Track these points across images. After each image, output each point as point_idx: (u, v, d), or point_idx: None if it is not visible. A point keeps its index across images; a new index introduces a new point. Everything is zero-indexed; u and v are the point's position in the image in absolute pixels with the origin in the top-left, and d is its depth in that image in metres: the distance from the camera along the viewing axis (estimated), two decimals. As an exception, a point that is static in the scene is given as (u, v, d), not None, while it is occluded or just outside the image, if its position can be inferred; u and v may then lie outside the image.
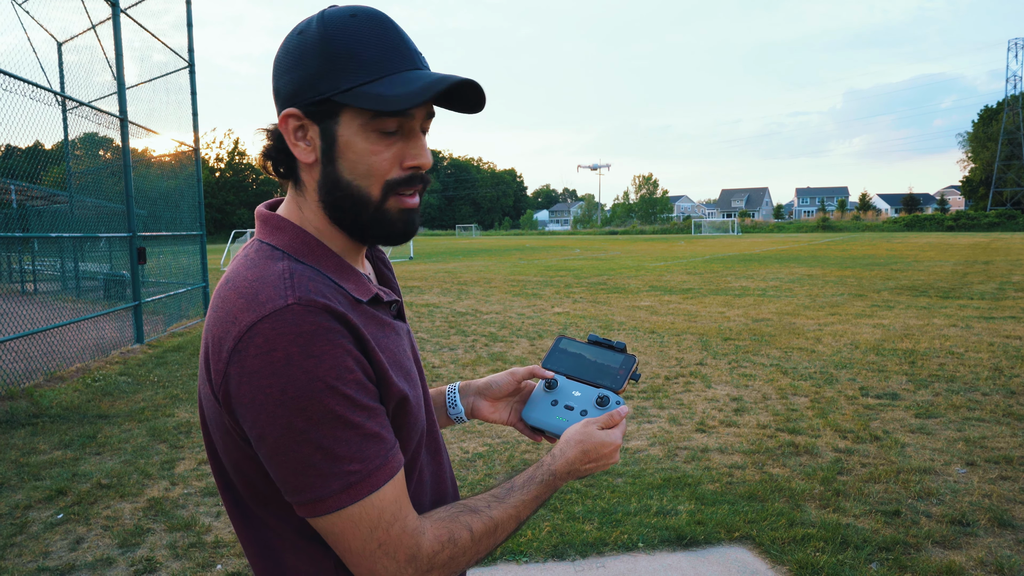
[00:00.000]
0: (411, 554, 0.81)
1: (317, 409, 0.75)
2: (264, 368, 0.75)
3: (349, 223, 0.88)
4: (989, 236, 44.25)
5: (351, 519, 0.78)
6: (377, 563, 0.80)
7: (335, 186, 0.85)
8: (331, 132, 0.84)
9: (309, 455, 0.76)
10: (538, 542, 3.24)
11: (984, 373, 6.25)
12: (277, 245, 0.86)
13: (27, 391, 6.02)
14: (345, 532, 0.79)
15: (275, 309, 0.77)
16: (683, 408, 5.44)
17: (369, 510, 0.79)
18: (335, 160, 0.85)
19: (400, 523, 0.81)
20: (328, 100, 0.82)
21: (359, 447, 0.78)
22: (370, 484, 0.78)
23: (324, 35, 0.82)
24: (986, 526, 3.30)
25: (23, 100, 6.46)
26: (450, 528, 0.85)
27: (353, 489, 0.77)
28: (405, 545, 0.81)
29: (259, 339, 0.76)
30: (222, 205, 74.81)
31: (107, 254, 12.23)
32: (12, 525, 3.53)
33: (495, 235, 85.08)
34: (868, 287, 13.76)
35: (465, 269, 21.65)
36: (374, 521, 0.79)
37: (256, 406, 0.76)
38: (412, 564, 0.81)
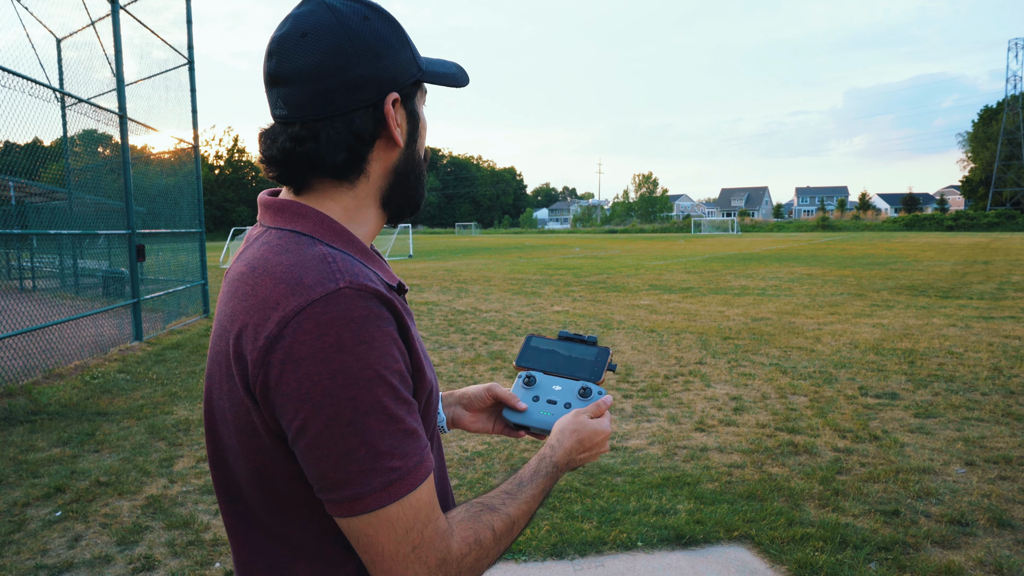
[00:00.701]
0: (441, 558, 0.78)
1: (367, 399, 0.72)
2: (315, 354, 0.71)
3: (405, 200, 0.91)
4: (989, 236, 44.27)
5: (388, 520, 0.75)
6: (408, 568, 0.76)
7: (414, 164, 0.90)
8: (416, 112, 0.89)
9: (354, 448, 0.72)
10: (537, 541, 3.24)
11: (983, 373, 6.25)
12: (303, 231, 0.82)
13: (26, 388, 6.01)
14: (380, 534, 0.75)
15: (325, 293, 0.73)
16: (682, 407, 5.43)
17: (407, 510, 0.75)
18: (417, 139, 0.89)
19: (433, 525, 0.78)
20: (417, 81, 0.88)
21: (400, 443, 0.75)
22: (409, 482, 0.75)
23: (395, 22, 0.86)
24: (985, 526, 3.30)
25: (22, 96, 6.45)
26: (475, 529, 0.82)
27: (394, 487, 0.74)
28: (436, 548, 0.77)
29: (309, 324, 0.72)
30: (221, 202, 74.72)
31: (106, 251, 12.22)
32: (10, 522, 3.52)
33: (495, 233, 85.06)
34: (867, 287, 13.76)
35: (464, 267, 21.64)
36: (410, 522, 0.76)
37: (302, 394, 0.72)
38: (442, 569, 0.78)
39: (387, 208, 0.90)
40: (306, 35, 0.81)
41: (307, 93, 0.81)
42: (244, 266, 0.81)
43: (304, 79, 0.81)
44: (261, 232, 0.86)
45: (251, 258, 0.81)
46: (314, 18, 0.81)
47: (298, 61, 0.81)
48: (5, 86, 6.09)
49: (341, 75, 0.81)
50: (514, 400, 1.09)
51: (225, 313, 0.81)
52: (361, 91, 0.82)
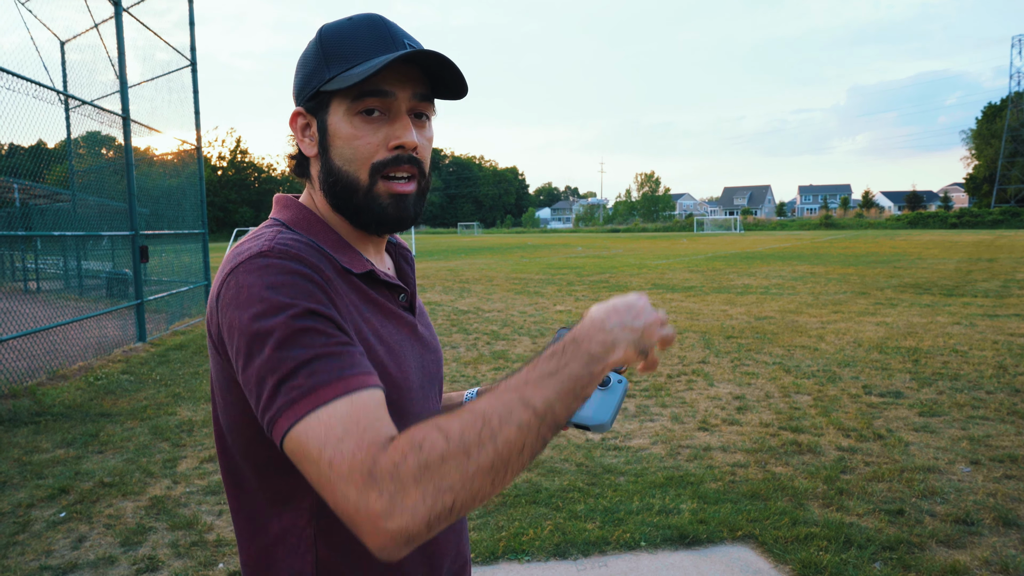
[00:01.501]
0: (367, 470, 0.66)
1: (269, 328, 0.74)
2: (233, 302, 0.78)
3: (345, 209, 0.92)
4: (993, 233, 44.12)
5: (300, 439, 0.70)
6: (337, 492, 0.67)
7: (329, 174, 0.91)
8: (324, 123, 0.90)
9: (263, 374, 0.73)
10: (540, 541, 3.24)
11: (988, 371, 6.23)
12: (279, 219, 0.93)
13: (30, 389, 6.03)
14: (300, 457, 0.70)
15: (250, 255, 0.81)
16: (685, 406, 5.43)
17: (315, 426, 0.69)
18: (328, 149, 0.91)
19: (354, 439, 0.68)
20: (318, 92, 0.89)
21: (308, 364, 0.73)
22: (315, 399, 0.71)
23: (320, 38, 0.91)
24: (991, 525, 3.29)
25: (26, 99, 6.47)
26: (412, 433, 0.68)
27: (298, 405, 0.71)
28: (359, 461, 0.67)
29: (232, 281, 0.80)
30: (224, 203, 74.87)
31: (109, 252, 12.25)
32: (15, 523, 3.53)
33: (497, 233, 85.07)
34: (871, 285, 13.73)
35: (467, 267, 21.64)
36: (321, 438, 0.69)
37: (230, 339, 0.78)
38: (373, 485, 0.65)
39: (342, 213, 0.93)
40: None
41: None
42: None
43: None
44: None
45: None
46: None
47: None
48: (10, 89, 6.11)
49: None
50: None
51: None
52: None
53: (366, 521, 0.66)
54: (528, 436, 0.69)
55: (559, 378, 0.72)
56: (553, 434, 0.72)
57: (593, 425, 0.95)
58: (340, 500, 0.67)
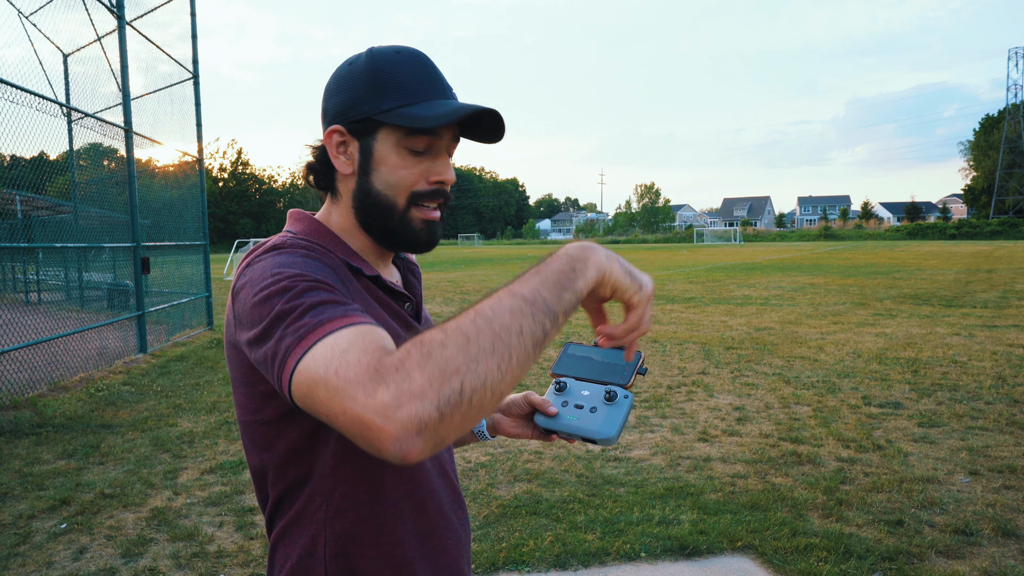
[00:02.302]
0: (372, 369, 0.66)
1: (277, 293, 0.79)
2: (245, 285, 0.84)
3: (377, 228, 0.98)
4: (992, 244, 44.19)
5: (307, 367, 0.69)
6: (345, 399, 0.66)
7: (367, 195, 0.97)
8: (369, 147, 0.95)
9: (274, 331, 0.76)
10: (540, 552, 3.24)
11: (987, 382, 6.24)
12: (292, 230, 0.98)
13: (31, 401, 6.04)
14: (309, 386, 0.69)
15: (265, 249, 0.89)
16: (685, 417, 5.43)
17: (322, 350, 0.70)
18: (370, 172, 0.96)
19: (359, 349, 0.69)
20: (369, 119, 0.94)
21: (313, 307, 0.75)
22: (322, 330, 0.72)
23: (371, 65, 0.95)
24: (990, 536, 3.29)
25: (29, 111, 6.52)
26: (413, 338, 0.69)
27: (305, 339, 0.71)
28: (364, 364, 0.67)
29: (246, 271, 0.86)
30: (225, 215, 75.05)
31: (111, 264, 12.27)
32: (16, 535, 3.54)
33: (497, 244, 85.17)
34: (871, 296, 13.75)
35: (468, 278, 21.67)
36: (327, 357, 0.69)
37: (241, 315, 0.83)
38: (379, 380, 0.65)
39: (368, 231, 1.00)
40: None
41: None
42: None
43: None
44: None
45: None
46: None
47: None
48: (13, 101, 6.16)
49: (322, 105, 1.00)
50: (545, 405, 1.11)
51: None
52: (324, 120, 0.99)
53: (376, 415, 0.64)
54: (522, 319, 0.70)
55: (543, 274, 0.76)
56: (552, 323, 0.73)
57: (600, 439, 1.00)
58: (349, 406, 0.65)
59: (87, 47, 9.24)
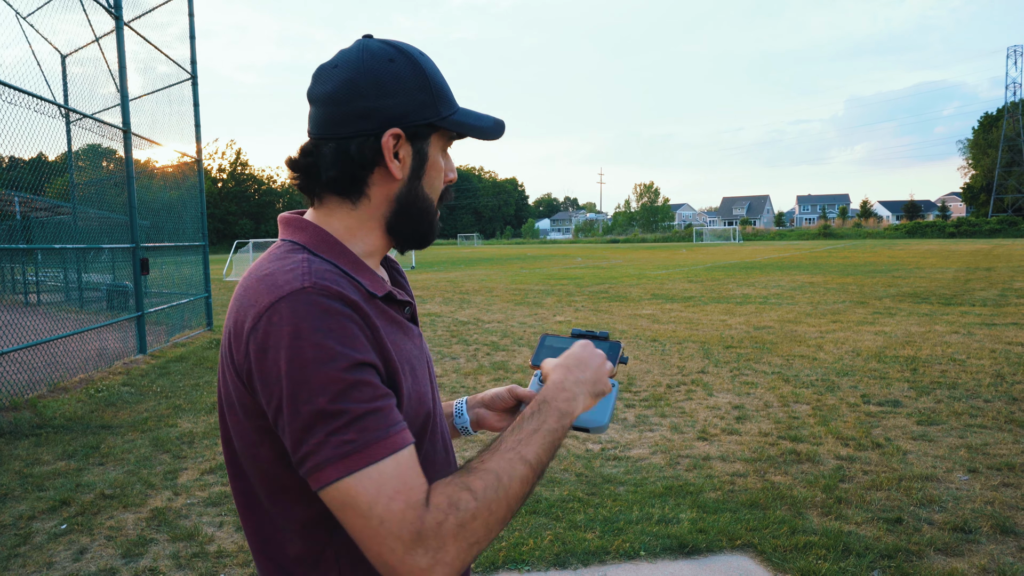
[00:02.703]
0: (415, 530, 0.76)
1: (320, 379, 0.78)
2: (278, 343, 0.80)
3: (409, 230, 0.98)
4: (991, 242, 44.22)
5: (348, 493, 0.76)
6: (383, 545, 0.76)
7: (416, 199, 0.97)
8: (424, 152, 0.96)
9: (311, 423, 0.77)
10: (540, 551, 3.25)
11: (986, 380, 6.25)
12: (298, 241, 0.94)
13: (31, 402, 6.04)
14: (346, 507, 0.77)
15: (292, 291, 0.82)
16: (685, 416, 5.44)
17: (366, 483, 0.76)
18: (421, 176, 0.96)
19: (403, 498, 0.77)
20: (430, 124, 0.94)
21: (359, 420, 0.78)
22: (367, 456, 0.77)
23: (417, 67, 0.94)
24: (988, 533, 3.30)
25: (27, 112, 6.51)
26: (447, 493, 0.79)
27: (350, 459, 0.77)
28: (408, 521, 0.76)
29: (275, 316, 0.81)
30: (224, 215, 74.99)
31: (110, 265, 12.27)
32: (16, 536, 3.54)
33: (497, 244, 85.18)
34: (870, 294, 13.76)
35: (467, 278, 21.67)
36: (372, 496, 0.76)
37: (269, 379, 0.80)
38: (420, 543, 0.76)
39: (391, 234, 0.99)
40: (336, 66, 0.94)
41: (324, 114, 0.93)
42: (247, 272, 0.93)
43: (324, 102, 0.93)
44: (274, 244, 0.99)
45: (253, 266, 0.93)
46: (348, 54, 0.94)
47: (323, 86, 0.93)
48: (11, 102, 6.16)
49: (350, 104, 0.91)
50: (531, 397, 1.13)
51: (228, 314, 0.91)
52: (364, 121, 0.91)
53: (408, 573, 0.76)
54: (526, 486, 0.85)
55: (541, 433, 0.89)
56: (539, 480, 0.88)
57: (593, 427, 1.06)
58: (385, 552, 0.76)
59: (85, 48, 9.24)
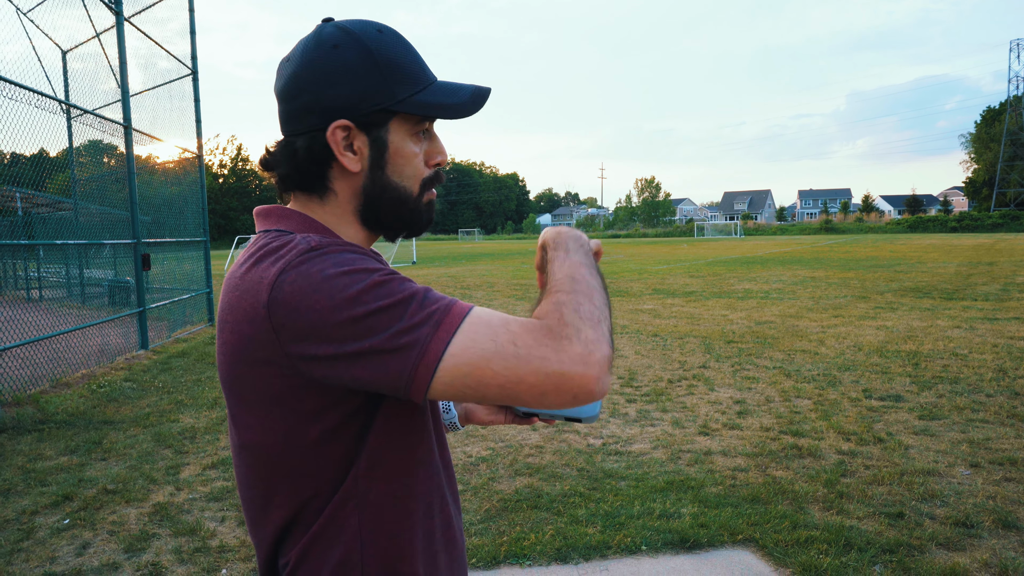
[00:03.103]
0: (547, 329, 0.73)
1: (370, 288, 0.75)
2: (307, 292, 0.75)
3: (386, 220, 0.93)
4: (993, 237, 44.14)
5: (466, 348, 0.72)
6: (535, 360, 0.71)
7: (384, 190, 0.91)
8: (382, 140, 0.89)
9: (386, 325, 0.73)
10: (541, 545, 3.25)
11: (988, 375, 6.24)
12: (288, 228, 0.89)
13: (33, 397, 6.05)
14: (475, 364, 0.72)
15: (299, 252, 0.79)
16: (686, 411, 5.44)
17: (476, 328, 0.73)
18: (385, 165, 0.90)
19: (512, 321, 0.74)
20: (384, 110, 0.88)
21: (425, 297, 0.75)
22: (458, 311, 0.74)
23: (367, 49, 0.87)
24: (990, 528, 3.30)
25: (28, 108, 6.51)
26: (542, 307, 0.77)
27: (446, 321, 0.73)
28: (535, 328, 0.73)
29: (291, 275, 0.77)
30: (225, 211, 75.00)
31: (112, 260, 12.28)
32: (19, 530, 3.55)
33: (498, 239, 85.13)
34: (871, 289, 13.75)
35: (468, 273, 21.67)
36: (489, 334, 0.72)
37: (317, 326, 0.74)
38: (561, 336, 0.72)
39: (369, 226, 0.94)
40: (288, 59, 0.90)
41: (280, 111, 0.91)
42: (236, 264, 0.88)
43: (279, 98, 0.91)
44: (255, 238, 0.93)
45: (243, 255, 0.88)
46: (299, 45, 0.90)
47: (278, 81, 0.91)
48: (12, 99, 6.15)
49: (296, 100, 0.88)
50: None
51: (224, 307, 0.85)
52: (311, 115, 0.87)
53: (577, 365, 0.71)
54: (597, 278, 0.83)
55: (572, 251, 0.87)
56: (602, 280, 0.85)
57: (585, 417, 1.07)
58: (542, 366, 0.71)
59: (86, 44, 9.22)
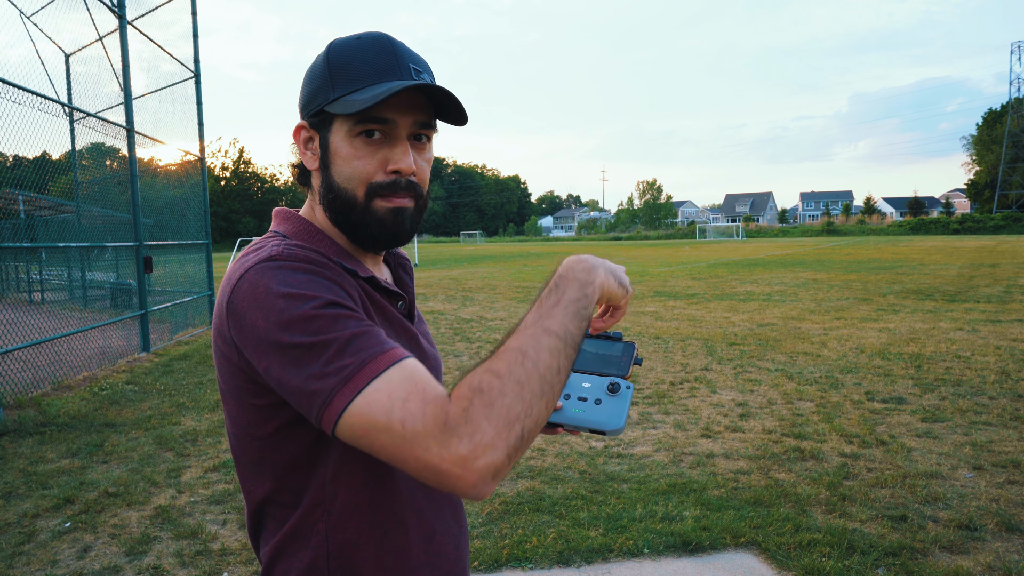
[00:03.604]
0: (442, 422, 0.71)
1: (300, 322, 0.76)
2: (250, 304, 0.80)
3: (344, 224, 0.95)
4: (995, 239, 44.06)
5: (362, 413, 0.72)
6: (416, 448, 0.71)
7: (329, 189, 0.94)
8: (326, 140, 0.93)
9: (306, 364, 0.75)
10: (543, 548, 3.25)
11: (991, 377, 6.22)
12: (281, 231, 0.96)
13: (35, 400, 6.05)
14: (368, 431, 0.72)
15: (259, 260, 0.84)
16: (688, 414, 5.43)
17: (376, 396, 0.72)
18: (329, 166, 0.93)
19: (418, 397, 0.73)
20: (322, 111, 0.92)
21: (348, 343, 0.75)
22: (369, 371, 0.74)
23: (328, 55, 0.93)
24: (993, 531, 3.29)
25: (31, 111, 6.52)
26: (468, 382, 0.75)
27: (352, 381, 0.73)
28: (431, 415, 0.71)
29: (244, 284, 0.82)
30: (227, 213, 75.10)
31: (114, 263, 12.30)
32: (20, 534, 3.55)
33: (499, 242, 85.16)
34: (873, 291, 13.73)
35: (470, 276, 21.67)
36: (386, 405, 0.72)
37: (254, 340, 0.79)
38: (451, 433, 0.70)
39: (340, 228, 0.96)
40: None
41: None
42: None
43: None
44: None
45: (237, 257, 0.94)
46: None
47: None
48: (15, 102, 6.17)
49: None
50: None
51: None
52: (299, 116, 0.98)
53: (454, 466, 0.70)
54: (559, 358, 0.77)
55: (563, 304, 0.81)
56: (575, 351, 0.80)
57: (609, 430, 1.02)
58: (422, 455, 0.71)
59: (89, 47, 9.24)
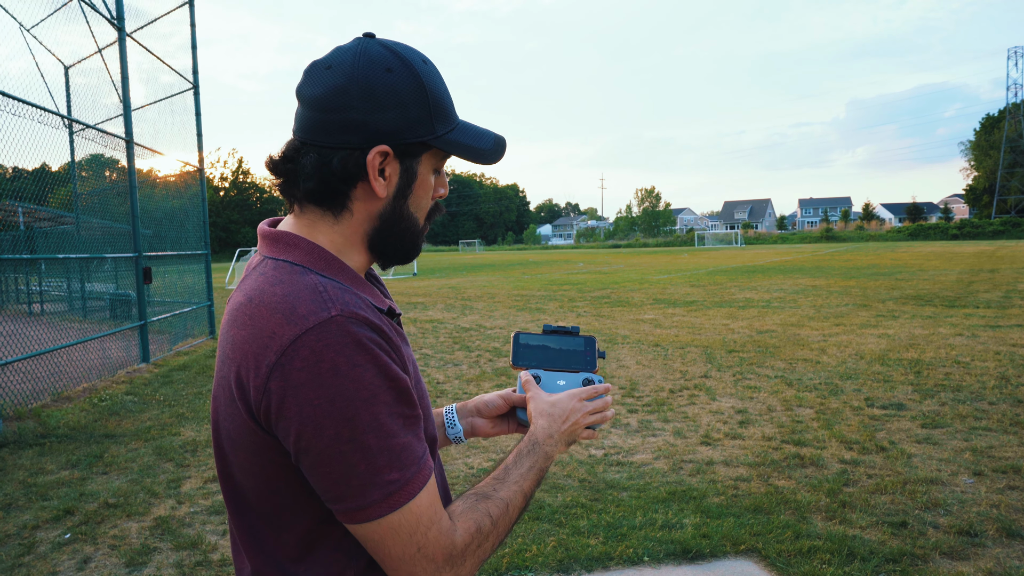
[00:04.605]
0: (447, 553, 0.84)
1: (363, 418, 0.78)
2: (312, 380, 0.76)
3: (391, 247, 0.94)
4: (994, 244, 44.11)
5: (391, 527, 0.81)
6: (417, 566, 0.83)
7: (400, 218, 0.92)
8: (413, 170, 0.91)
9: (354, 464, 0.79)
10: (543, 557, 3.24)
11: (990, 382, 6.23)
12: (296, 261, 0.87)
13: (34, 411, 6.05)
14: (386, 539, 0.82)
15: (319, 322, 0.78)
16: (688, 421, 5.43)
17: (408, 516, 0.81)
18: (408, 195, 0.92)
19: (436, 526, 0.84)
20: (423, 143, 0.89)
21: (398, 456, 0.81)
22: (408, 492, 0.81)
23: (418, 81, 0.88)
24: (994, 536, 3.29)
25: (31, 123, 6.55)
26: (474, 519, 0.88)
27: (393, 498, 0.80)
28: (441, 546, 0.84)
29: (304, 351, 0.77)
30: (226, 224, 75.17)
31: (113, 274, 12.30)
32: (20, 545, 3.54)
33: (498, 250, 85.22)
34: (873, 297, 13.74)
35: (469, 284, 21.68)
36: (412, 527, 0.82)
37: (303, 418, 0.77)
38: (449, 563, 0.85)
39: (373, 251, 0.94)
40: (330, 67, 0.87)
41: (310, 119, 0.87)
42: (243, 296, 0.86)
43: (312, 105, 0.87)
44: (259, 262, 0.92)
45: (249, 288, 0.86)
46: (344, 55, 0.87)
47: (313, 88, 0.87)
48: (15, 114, 6.19)
49: (339, 113, 0.85)
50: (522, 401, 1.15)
51: (227, 341, 0.85)
52: (351, 133, 0.86)
53: None
54: (519, 513, 0.97)
55: (535, 471, 1.00)
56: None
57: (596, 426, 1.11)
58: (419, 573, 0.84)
59: (88, 59, 9.29)
